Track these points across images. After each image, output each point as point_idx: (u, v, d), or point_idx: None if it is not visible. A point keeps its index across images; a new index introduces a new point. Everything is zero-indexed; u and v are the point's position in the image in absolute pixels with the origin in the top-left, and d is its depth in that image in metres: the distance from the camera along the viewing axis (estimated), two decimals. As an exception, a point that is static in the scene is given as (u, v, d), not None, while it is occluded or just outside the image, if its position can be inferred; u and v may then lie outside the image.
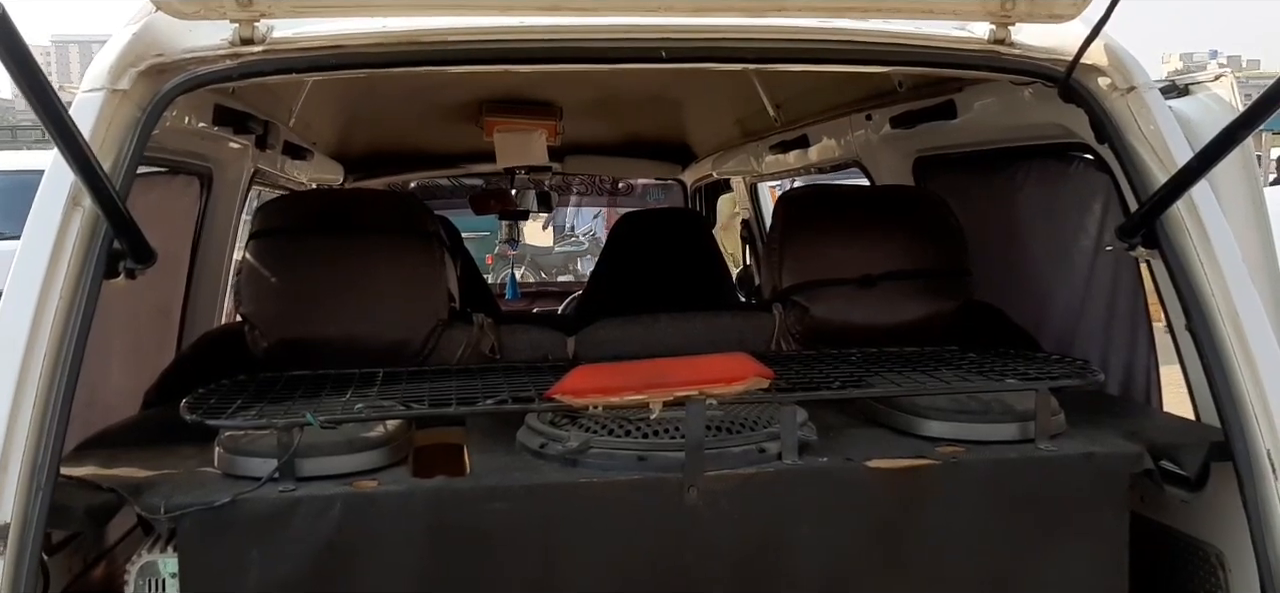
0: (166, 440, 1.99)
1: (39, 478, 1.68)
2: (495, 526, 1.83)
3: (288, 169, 3.77)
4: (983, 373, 2.17)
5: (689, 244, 4.28)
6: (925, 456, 1.94)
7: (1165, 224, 2.08)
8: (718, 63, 2.19)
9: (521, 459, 1.94)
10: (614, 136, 5.39)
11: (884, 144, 3.39)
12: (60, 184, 1.79)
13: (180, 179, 2.93)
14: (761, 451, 1.91)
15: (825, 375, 2.16)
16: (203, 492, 1.76)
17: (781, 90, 3.91)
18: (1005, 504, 1.96)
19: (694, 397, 1.86)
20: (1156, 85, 2.20)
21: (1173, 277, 2.08)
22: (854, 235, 2.61)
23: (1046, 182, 2.75)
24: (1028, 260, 2.91)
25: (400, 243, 2.50)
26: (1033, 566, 1.96)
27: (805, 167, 4.27)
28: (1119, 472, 1.97)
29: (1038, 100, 2.39)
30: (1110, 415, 2.21)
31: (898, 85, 3.03)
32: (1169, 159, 2.09)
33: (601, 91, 4.27)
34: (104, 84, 1.86)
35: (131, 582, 1.79)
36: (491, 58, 2.07)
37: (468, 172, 5.96)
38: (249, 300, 2.44)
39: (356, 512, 1.78)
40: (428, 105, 4.29)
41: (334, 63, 2.03)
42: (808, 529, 1.91)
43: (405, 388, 2.10)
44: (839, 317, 2.57)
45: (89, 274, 1.78)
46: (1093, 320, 2.69)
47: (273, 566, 1.76)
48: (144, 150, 1.89)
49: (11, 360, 1.71)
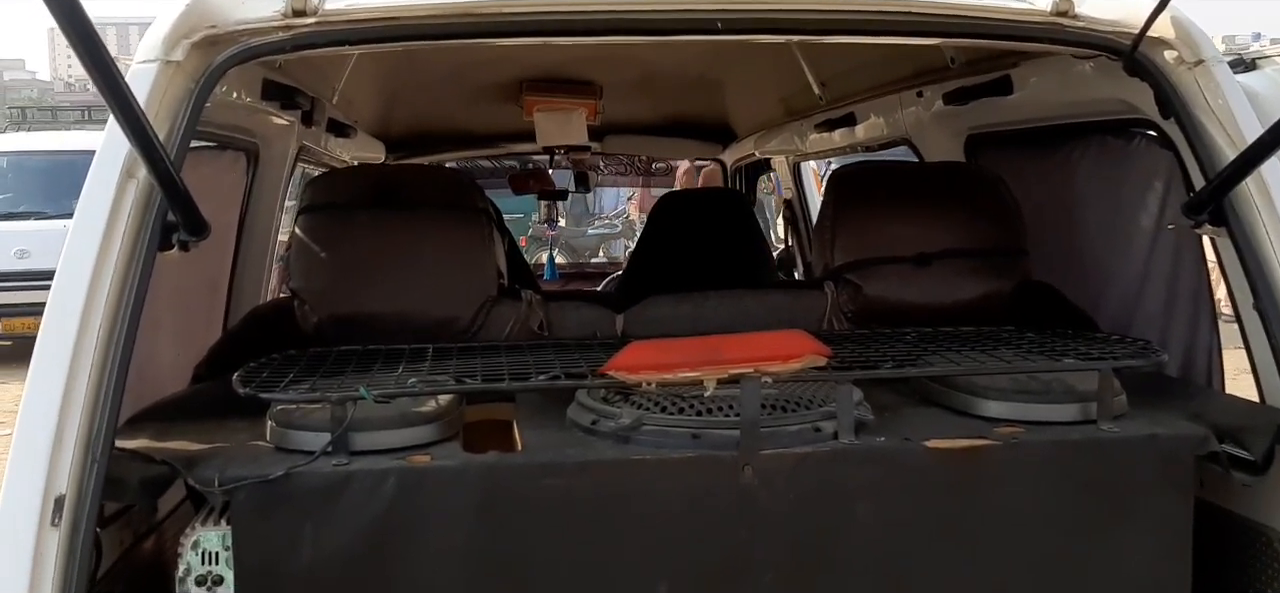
0: (218, 414, 1.99)
1: (94, 450, 1.68)
2: (548, 502, 1.81)
3: (331, 146, 3.77)
4: (1042, 353, 2.12)
5: (731, 224, 4.24)
6: (984, 436, 1.91)
7: (1233, 201, 2.03)
8: (772, 34, 2.16)
9: (573, 436, 1.92)
10: (654, 116, 5.36)
11: (935, 121, 3.34)
12: (115, 155, 1.79)
13: (228, 154, 2.93)
14: (817, 429, 1.88)
15: (880, 354, 2.12)
16: (256, 465, 1.76)
17: (827, 67, 3.86)
18: (1066, 487, 1.92)
19: (749, 374, 1.83)
20: (1225, 59, 2.14)
21: (1240, 255, 2.04)
22: (909, 213, 2.57)
23: (1106, 159, 2.69)
24: (1085, 240, 2.86)
25: (450, 219, 2.48)
26: (1093, 550, 1.93)
27: (852, 145, 4.21)
28: (1183, 454, 1.93)
29: (1099, 74, 2.34)
30: (1172, 397, 2.16)
31: (950, 60, 2.98)
32: (1238, 134, 2.03)
33: (643, 70, 4.24)
34: (158, 55, 1.86)
35: (185, 555, 1.79)
36: (546, 29, 2.05)
37: (507, 152, 5.95)
38: (299, 275, 2.44)
39: (410, 486, 1.77)
40: (469, 84, 4.28)
41: (385, 35, 2.01)
42: (864, 510, 1.88)
43: (456, 364, 2.09)
44: (893, 295, 2.53)
45: (144, 246, 1.78)
46: (1152, 301, 2.64)
47: (326, 539, 1.75)
48: (197, 123, 1.88)
49: (67, 331, 1.71)
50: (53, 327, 1.72)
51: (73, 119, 17.14)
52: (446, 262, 2.45)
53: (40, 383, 1.69)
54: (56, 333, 1.71)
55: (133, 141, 1.67)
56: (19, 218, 11.54)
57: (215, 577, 1.79)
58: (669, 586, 1.84)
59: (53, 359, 1.70)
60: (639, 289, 2.72)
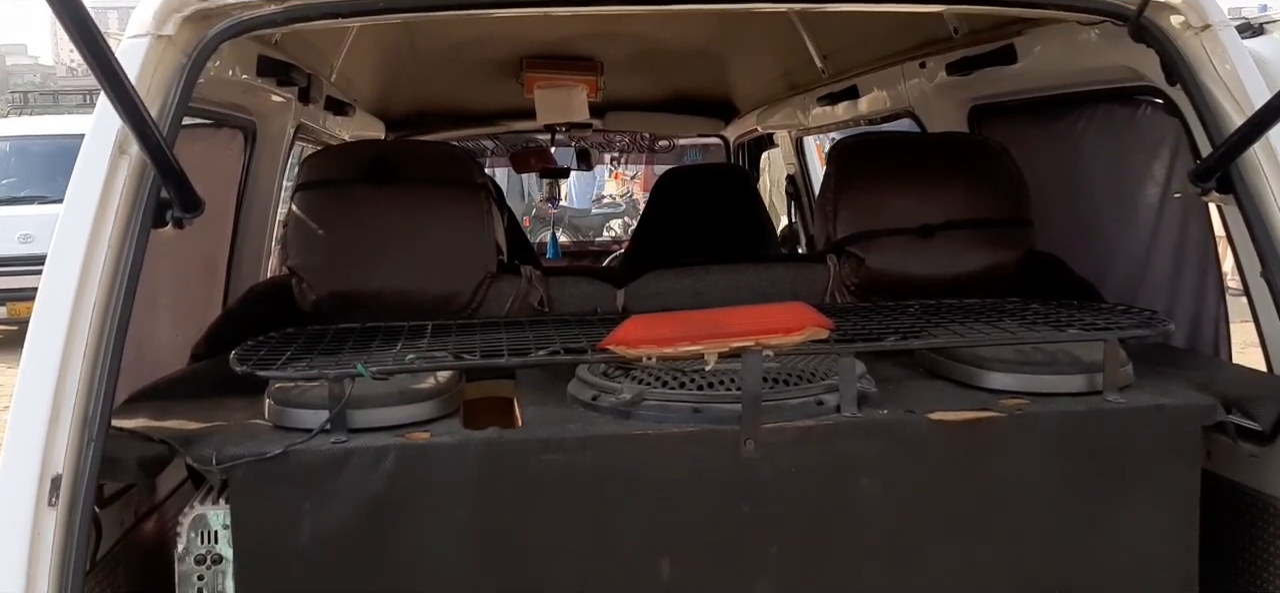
0: (216, 393, 1.98)
1: (90, 429, 1.67)
2: (548, 477, 1.80)
3: (330, 125, 3.75)
4: (1047, 324, 2.10)
5: (734, 200, 4.22)
6: (989, 408, 1.89)
7: (1241, 167, 2.00)
8: (774, 2, 2.13)
9: (574, 411, 1.91)
10: (655, 92, 5.33)
11: (938, 92, 3.31)
12: (107, 131, 1.77)
13: (224, 132, 2.91)
14: (820, 403, 1.86)
15: (883, 327, 2.10)
16: (254, 444, 1.74)
17: (829, 39, 3.82)
18: (1072, 458, 1.90)
19: (750, 348, 1.81)
20: (1232, 23, 2.11)
21: (1248, 222, 2.01)
22: (912, 184, 2.55)
23: (1111, 127, 2.66)
24: (1090, 209, 2.83)
25: (448, 194, 2.46)
26: (1101, 521, 1.91)
27: (854, 118, 4.18)
28: (1190, 425, 1.91)
29: (1104, 41, 2.31)
30: (1178, 367, 2.14)
31: (954, 30, 2.95)
32: (1245, 100, 2.01)
33: (644, 46, 4.21)
34: (149, 29, 1.84)
35: (184, 534, 1.78)
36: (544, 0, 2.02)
37: (507, 130, 5.93)
38: (296, 253, 2.42)
39: (409, 463, 1.75)
40: (469, 62, 4.25)
41: (380, 7, 1.99)
42: (867, 483, 1.86)
43: (455, 340, 2.07)
44: (896, 267, 2.51)
45: (137, 223, 1.77)
46: (1158, 270, 2.62)
47: (325, 517, 1.74)
48: (189, 99, 1.86)
49: (61, 311, 1.69)
50: (47, 306, 1.70)
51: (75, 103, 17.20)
52: (445, 238, 2.43)
53: (35, 363, 1.67)
54: (51, 312, 1.70)
55: (124, 117, 1.65)
56: (22, 203, 11.57)
57: (215, 555, 1.78)
58: (671, 560, 1.83)
59: (47, 339, 1.68)
60: (643, 266, 2.70)
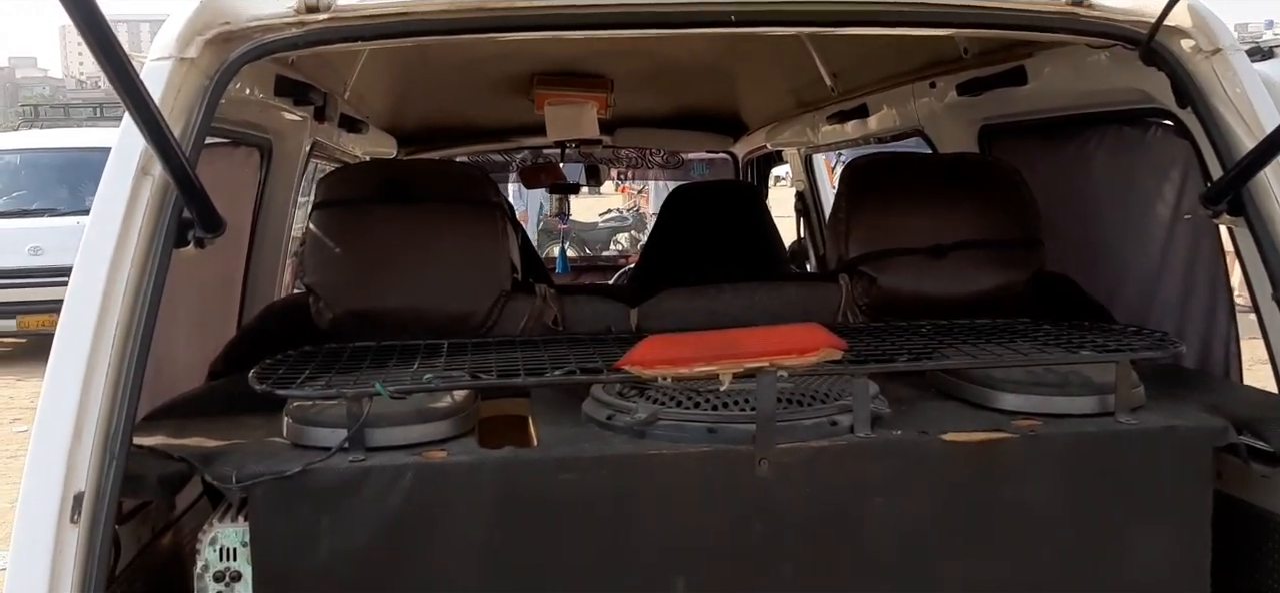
0: (234, 410, 2.00)
1: (112, 447, 1.69)
2: (564, 496, 1.81)
3: (343, 142, 3.78)
4: (1059, 345, 2.11)
5: (743, 217, 4.23)
6: (1001, 429, 1.90)
7: (1252, 191, 2.02)
8: (785, 27, 2.15)
9: (588, 430, 1.92)
10: (665, 109, 5.35)
11: (948, 112, 3.32)
12: (130, 153, 1.79)
13: (241, 151, 2.93)
14: (833, 423, 1.88)
15: (896, 347, 2.11)
16: (273, 461, 1.76)
17: (839, 59, 3.84)
18: (1084, 479, 1.91)
19: (764, 368, 1.82)
20: (1242, 48, 2.13)
21: (1259, 245, 2.02)
22: (924, 204, 2.56)
23: (1121, 149, 2.67)
24: (1100, 231, 2.84)
25: (464, 213, 2.48)
26: (1112, 542, 1.91)
27: (864, 137, 4.20)
28: (1202, 446, 1.92)
29: (1115, 64, 2.32)
30: (1190, 388, 2.15)
31: (964, 51, 2.96)
32: (1256, 124, 2.02)
33: (654, 63, 4.23)
34: (172, 52, 1.86)
35: (202, 551, 1.79)
36: (558, 24, 2.04)
37: (518, 146, 5.95)
38: (314, 271, 2.44)
39: (426, 482, 1.77)
40: (480, 79, 4.27)
41: (398, 30, 2.01)
42: (881, 503, 1.87)
43: (471, 359, 2.09)
44: (908, 287, 2.52)
45: (159, 243, 1.79)
46: (1169, 291, 2.62)
47: (343, 535, 1.75)
48: (211, 120, 1.88)
49: (84, 329, 1.71)
50: (70, 324, 1.72)
51: (85, 116, 17.22)
52: (460, 256, 2.45)
53: (59, 381, 1.69)
54: (74, 331, 1.71)
55: (148, 139, 1.67)
56: (32, 215, 11.60)
57: (233, 573, 1.79)
58: (685, 580, 1.84)
59: (71, 357, 1.70)
60: (652, 282, 2.72)
